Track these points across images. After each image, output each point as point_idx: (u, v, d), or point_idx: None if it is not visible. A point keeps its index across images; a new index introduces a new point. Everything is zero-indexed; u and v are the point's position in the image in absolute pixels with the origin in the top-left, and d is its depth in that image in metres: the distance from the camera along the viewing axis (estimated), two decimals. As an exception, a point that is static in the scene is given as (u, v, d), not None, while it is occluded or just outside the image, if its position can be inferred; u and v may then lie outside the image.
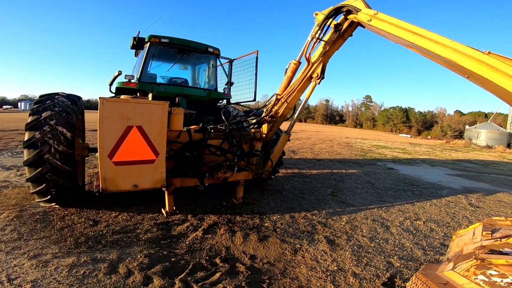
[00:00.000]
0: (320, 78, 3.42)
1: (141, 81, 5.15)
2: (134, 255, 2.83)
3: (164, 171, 3.17)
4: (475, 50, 2.03)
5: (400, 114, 70.89)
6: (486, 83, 2.07)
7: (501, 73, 1.87)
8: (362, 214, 4.68)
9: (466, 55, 2.05)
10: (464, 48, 2.08)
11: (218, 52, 5.87)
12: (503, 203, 6.10)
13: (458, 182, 8.23)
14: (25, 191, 4.49)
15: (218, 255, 2.95)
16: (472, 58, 2.02)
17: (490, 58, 1.94)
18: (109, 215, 3.79)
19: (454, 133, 50.67)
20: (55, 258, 2.66)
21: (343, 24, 3.17)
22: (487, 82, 2.02)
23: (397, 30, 2.46)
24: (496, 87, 1.95)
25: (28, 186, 3.73)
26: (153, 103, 3.00)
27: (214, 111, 5.92)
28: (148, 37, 5.14)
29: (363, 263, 3.02)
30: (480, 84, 2.28)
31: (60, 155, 3.37)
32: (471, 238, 2.80)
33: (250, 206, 4.62)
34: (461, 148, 24.29)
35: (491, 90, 2.24)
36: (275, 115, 3.95)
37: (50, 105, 3.53)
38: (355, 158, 11.83)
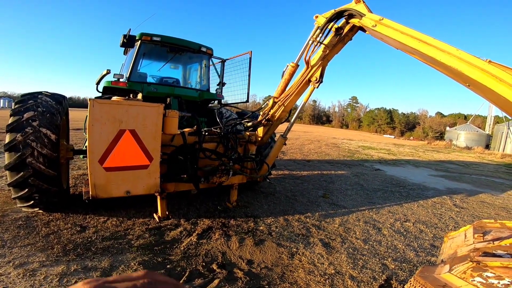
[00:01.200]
0: (319, 82, 3.39)
1: (130, 80, 4.97)
2: (127, 262, 2.73)
3: (158, 176, 3.06)
4: (480, 60, 2.04)
5: (385, 115, 72.70)
6: (488, 93, 2.11)
7: (505, 84, 1.89)
8: (354, 216, 4.73)
9: (471, 64, 2.05)
10: (470, 57, 2.08)
11: (211, 52, 5.76)
12: (486, 203, 6.34)
13: (442, 183, 8.49)
14: (5, 195, 4.25)
15: (214, 261, 2.90)
16: (477, 68, 2.03)
17: (495, 68, 1.96)
18: (97, 220, 3.64)
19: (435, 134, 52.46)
20: (43, 266, 2.53)
21: (344, 28, 3.15)
22: (489, 92, 2.05)
23: (402, 37, 2.45)
24: (498, 97, 1.98)
25: (9, 190, 3.53)
26: (147, 106, 2.87)
27: (206, 112, 5.81)
28: (139, 35, 4.97)
29: (359, 266, 3.05)
30: (481, 93, 2.32)
31: (43, 158, 3.19)
32: (463, 240, 2.87)
33: (243, 209, 4.58)
34: (442, 149, 25.15)
35: (491, 100, 2.28)
36: (271, 118, 3.90)
37: (33, 105, 3.32)
38: (343, 159, 12.00)
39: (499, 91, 2.00)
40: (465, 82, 2.43)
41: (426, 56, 2.43)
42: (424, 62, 2.71)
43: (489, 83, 2.04)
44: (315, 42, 3.19)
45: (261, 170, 4.14)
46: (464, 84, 2.53)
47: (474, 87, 2.41)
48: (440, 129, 53.25)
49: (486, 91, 2.18)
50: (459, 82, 2.57)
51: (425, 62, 2.70)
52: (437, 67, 2.61)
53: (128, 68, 5.09)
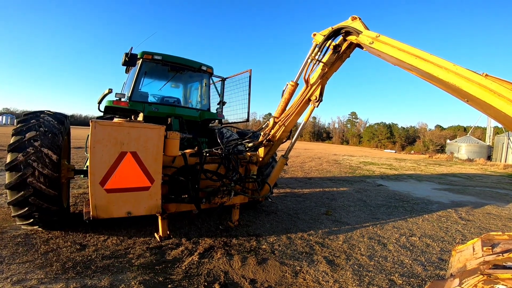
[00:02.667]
0: (319, 100, 3.38)
1: (132, 100, 5.04)
2: (128, 281, 2.66)
3: (160, 197, 3.04)
4: (477, 75, 2.02)
5: (385, 130, 72.98)
6: (487, 108, 2.08)
7: (504, 98, 1.87)
8: (358, 232, 4.65)
9: (469, 79, 2.04)
10: (467, 72, 2.07)
11: (211, 71, 5.87)
12: (492, 215, 6.23)
13: (446, 196, 8.39)
14: (5, 212, 4.23)
15: (217, 281, 2.82)
16: (474, 83, 2.01)
17: (493, 83, 1.93)
18: (97, 239, 3.59)
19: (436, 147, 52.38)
20: (41, 283, 2.48)
21: (342, 46, 3.16)
22: (488, 107, 2.02)
23: (399, 53, 2.46)
24: (497, 112, 1.96)
25: (8, 207, 3.51)
26: (149, 127, 2.89)
27: (207, 132, 5.83)
28: (141, 53, 5.07)
29: (365, 283, 2.96)
30: (480, 108, 2.29)
31: (44, 178, 3.20)
32: (472, 253, 2.80)
33: (245, 228, 4.51)
34: (444, 162, 25.04)
35: (491, 115, 2.26)
36: (272, 139, 3.86)
37: (35, 125, 3.35)
38: (344, 176, 11.93)
39: (498, 106, 1.94)
40: (463, 97, 2.39)
41: (423, 72, 2.42)
42: (422, 78, 2.69)
43: (487, 99, 1.99)
44: (314, 60, 3.19)
45: (263, 190, 4.09)
46: (463, 99, 2.48)
47: (473, 103, 2.37)
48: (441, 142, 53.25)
49: (485, 106, 2.15)
50: (458, 97, 2.53)
51: (423, 78, 2.68)
52: (435, 83, 2.60)
53: (129, 87, 5.16)
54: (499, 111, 1.96)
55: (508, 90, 1.93)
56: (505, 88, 1.94)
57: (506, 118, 2.01)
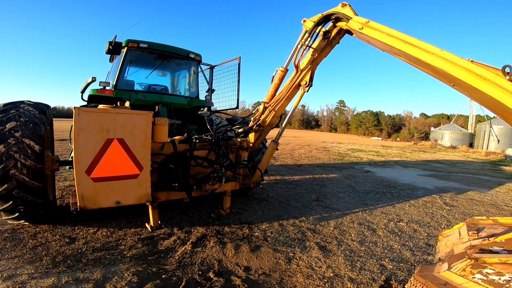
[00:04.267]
0: (309, 85, 3.41)
1: (117, 88, 4.87)
2: (121, 273, 2.62)
3: (149, 185, 2.97)
4: (464, 60, 2.09)
5: (372, 118, 74.15)
6: (473, 92, 2.15)
7: (490, 82, 1.93)
8: (348, 218, 4.74)
9: (456, 64, 2.09)
10: (454, 57, 2.13)
11: (199, 58, 5.73)
12: (475, 201, 6.48)
13: (431, 182, 8.65)
14: (-12, 208, 4.04)
15: (211, 269, 2.82)
16: (461, 68, 2.07)
17: (479, 68, 2.00)
18: (87, 232, 3.51)
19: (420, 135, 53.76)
20: (32, 279, 2.42)
21: (332, 32, 3.19)
22: (473, 91, 2.09)
23: (388, 39, 2.49)
24: (483, 95, 2.02)
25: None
26: (135, 113, 2.80)
27: (196, 120, 5.74)
28: (126, 41, 4.89)
29: (357, 268, 3.03)
30: (466, 92, 2.37)
31: (27, 170, 3.07)
32: (458, 238, 2.90)
33: (237, 215, 4.51)
34: (428, 149, 25.77)
35: (476, 99, 2.33)
36: (262, 124, 3.89)
37: (15, 115, 3.19)
38: (333, 162, 12.09)
39: (484, 90, 2.03)
40: (450, 82, 2.47)
41: (411, 57, 2.47)
42: (409, 63, 2.75)
43: (473, 82, 2.06)
44: (304, 46, 3.22)
45: (254, 176, 4.10)
46: (449, 84, 2.57)
47: (458, 87, 2.46)
48: (425, 129, 54.64)
49: (470, 90, 2.22)
50: (444, 82, 2.61)
51: (410, 63, 2.74)
52: (422, 68, 2.66)
53: (114, 76, 4.97)
54: (484, 94, 2.02)
55: (493, 74, 1.99)
56: (490, 73, 2.00)
57: (491, 101, 2.07)
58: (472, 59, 2.17)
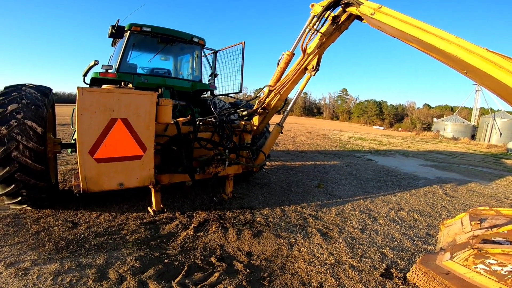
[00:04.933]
0: (316, 70, 3.36)
1: (120, 71, 4.81)
2: (123, 258, 2.63)
3: (153, 167, 2.96)
4: (479, 48, 2.06)
5: (374, 107, 73.52)
6: (486, 79, 2.10)
7: (504, 70, 1.90)
8: (349, 205, 4.75)
9: (471, 51, 2.06)
10: (469, 44, 2.09)
11: (203, 43, 5.63)
12: (475, 192, 6.49)
13: (432, 173, 8.65)
14: (-9, 192, 4.06)
15: (213, 254, 2.84)
16: (476, 55, 2.03)
17: (494, 56, 1.97)
18: (89, 216, 3.52)
19: (423, 126, 53.49)
20: (35, 265, 2.41)
21: (341, 17, 3.11)
22: (487, 78, 2.05)
23: (402, 25, 2.41)
24: (496, 83, 1.97)
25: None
26: (140, 94, 2.75)
27: (199, 103, 5.70)
28: (129, 25, 4.81)
29: (358, 255, 3.05)
30: (479, 79, 2.32)
31: (30, 152, 3.04)
32: (461, 228, 2.90)
33: (239, 200, 4.53)
34: (430, 140, 25.69)
35: (489, 86, 2.28)
36: (267, 107, 3.86)
37: (17, 97, 3.14)
38: (335, 150, 12.07)
39: (499, 77, 2.01)
40: (462, 69, 2.42)
41: (425, 44, 2.41)
42: (421, 49, 2.68)
43: (489, 70, 2.05)
44: (312, 30, 3.14)
45: (258, 160, 4.09)
46: (461, 71, 2.52)
47: (472, 74, 2.41)
48: (428, 120, 54.29)
49: (484, 77, 2.19)
50: (456, 69, 2.55)
51: (422, 50, 2.67)
52: (434, 55, 2.59)
53: (117, 59, 4.92)
54: (498, 81, 2.01)
55: (509, 62, 1.98)
56: (505, 61, 1.99)
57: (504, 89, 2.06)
58: (487, 48, 2.12)
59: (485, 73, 2.01)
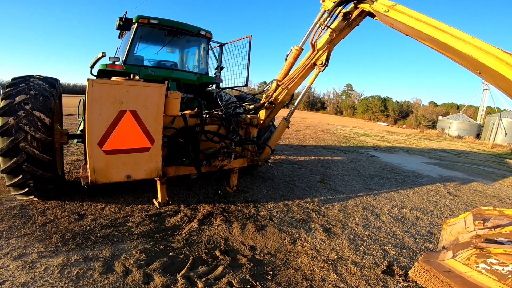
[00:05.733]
0: (325, 65, 3.34)
1: (127, 63, 4.84)
2: (129, 251, 2.68)
3: (160, 159, 3.00)
4: (495, 48, 2.03)
5: (379, 103, 72.87)
6: (500, 80, 2.08)
7: None
8: (352, 201, 4.77)
9: (486, 52, 2.03)
10: (485, 45, 2.06)
11: (210, 36, 5.62)
12: (478, 192, 6.47)
13: (435, 171, 8.62)
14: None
15: (217, 247, 2.88)
16: (492, 55, 2.01)
17: (510, 57, 1.94)
18: (95, 208, 3.56)
19: (427, 123, 52.96)
20: (42, 257, 2.45)
21: (353, 13, 3.07)
22: (501, 79, 2.03)
23: (416, 23, 2.38)
24: (511, 84, 1.96)
25: (3, 177, 3.42)
26: (149, 86, 2.77)
27: (205, 96, 5.72)
28: (136, 17, 4.80)
29: (361, 252, 3.09)
30: (492, 80, 2.29)
31: (37, 142, 3.07)
32: (464, 227, 2.91)
33: (243, 194, 4.56)
34: (434, 138, 25.50)
35: (501, 87, 2.26)
36: (274, 101, 3.87)
37: (25, 88, 3.17)
38: (338, 145, 12.05)
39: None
40: (476, 69, 2.40)
41: (439, 43, 2.38)
42: (434, 48, 2.65)
43: (503, 71, 2.02)
44: (323, 25, 3.11)
45: (263, 153, 4.11)
46: (474, 71, 2.50)
47: (485, 74, 2.39)
48: (433, 118, 53.74)
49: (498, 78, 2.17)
50: (469, 69, 2.53)
51: (435, 49, 2.64)
52: (447, 54, 2.56)
53: (124, 51, 4.94)
54: None
55: None
56: None
57: None
58: (502, 48, 2.10)
59: (500, 74, 2.00)
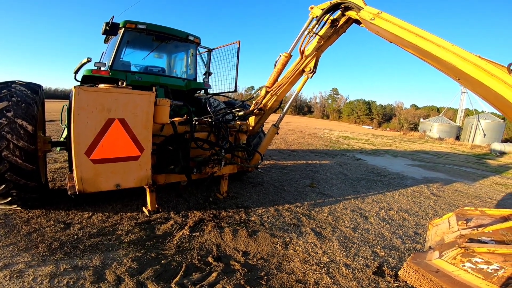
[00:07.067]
0: (313, 72, 3.41)
1: (113, 69, 4.74)
2: (120, 259, 2.62)
3: (150, 167, 2.95)
4: (473, 55, 2.12)
5: (364, 107, 74.70)
6: (478, 87, 2.19)
7: (496, 78, 1.98)
8: (341, 205, 4.86)
9: (465, 59, 2.12)
10: (463, 52, 2.16)
11: (198, 41, 5.60)
12: (460, 192, 6.73)
13: (419, 172, 8.90)
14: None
15: (210, 254, 2.87)
16: (470, 63, 2.10)
17: (487, 64, 2.04)
18: (81, 216, 3.47)
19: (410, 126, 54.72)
20: (30, 267, 2.37)
21: (340, 20, 3.15)
22: (479, 86, 2.13)
23: (400, 31, 2.47)
24: (488, 90, 2.05)
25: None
26: (138, 93, 2.73)
27: (193, 102, 5.68)
28: (123, 22, 4.74)
29: (351, 254, 3.14)
30: (471, 86, 2.41)
31: (20, 151, 2.96)
32: (448, 227, 3.02)
33: (233, 200, 4.56)
34: (416, 140, 26.34)
35: (480, 93, 2.37)
36: (263, 108, 3.89)
37: (7, 95, 3.06)
38: (326, 149, 12.24)
39: (490, 85, 2.08)
40: (456, 76, 2.51)
41: (422, 50, 2.47)
42: (417, 55, 2.75)
43: (481, 77, 2.11)
44: (311, 32, 3.17)
45: (253, 160, 4.12)
46: (454, 78, 2.61)
47: (464, 81, 2.50)
48: (415, 120, 55.55)
49: (476, 84, 2.27)
50: (449, 75, 2.65)
51: (418, 56, 2.74)
52: (429, 61, 2.67)
53: (110, 57, 4.84)
54: (489, 89, 2.07)
55: (500, 71, 2.04)
56: (497, 69, 2.05)
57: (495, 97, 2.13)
58: (479, 55, 2.20)
59: (478, 80, 2.10)
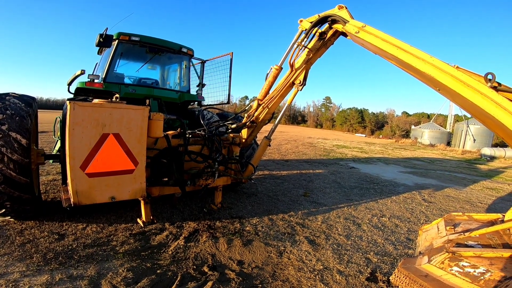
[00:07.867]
0: (303, 84, 3.52)
1: (107, 81, 4.79)
2: (115, 269, 2.63)
3: (144, 180, 2.99)
4: (450, 67, 2.24)
5: (356, 115, 75.70)
6: (456, 97, 2.31)
7: (472, 89, 2.10)
8: (334, 213, 4.92)
9: (443, 71, 2.25)
10: (441, 64, 2.28)
11: (192, 53, 5.70)
12: (451, 197, 6.87)
13: (411, 179, 9.05)
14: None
15: (205, 263, 2.89)
16: (447, 74, 2.22)
17: (463, 75, 2.16)
18: (75, 227, 3.47)
19: (402, 133, 55.47)
20: (25, 277, 2.38)
21: (328, 33, 3.29)
22: (457, 96, 2.25)
23: (382, 44, 2.61)
24: (465, 101, 2.18)
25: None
26: (132, 108, 2.79)
27: (187, 114, 5.73)
28: (117, 34, 4.81)
29: (345, 261, 3.20)
30: (450, 97, 2.54)
31: (14, 164, 2.99)
32: (437, 232, 3.11)
33: (228, 210, 4.58)
34: (408, 147, 26.74)
35: (459, 103, 2.50)
36: (255, 120, 3.97)
37: (1, 108, 3.11)
38: (319, 158, 12.37)
39: (467, 96, 2.20)
40: (436, 86, 2.64)
41: (403, 62, 2.60)
42: (400, 67, 2.89)
43: (458, 88, 2.23)
44: (300, 45, 3.29)
45: (246, 171, 4.18)
46: (434, 88, 2.74)
47: (444, 91, 2.63)
48: (406, 127, 56.40)
49: (454, 95, 2.39)
50: (430, 86, 2.77)
51: (400, 67, 2.88)
52: (411, 72, 2.80)
53: (103, 69, 4.90)
54: (467, 100, 2.18)
55: (476, 81, 2.15)
56: (473, 80, 2.17)
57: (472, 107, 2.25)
58: (457, 65, 2.33)
59: (455, 91, 2.22)
